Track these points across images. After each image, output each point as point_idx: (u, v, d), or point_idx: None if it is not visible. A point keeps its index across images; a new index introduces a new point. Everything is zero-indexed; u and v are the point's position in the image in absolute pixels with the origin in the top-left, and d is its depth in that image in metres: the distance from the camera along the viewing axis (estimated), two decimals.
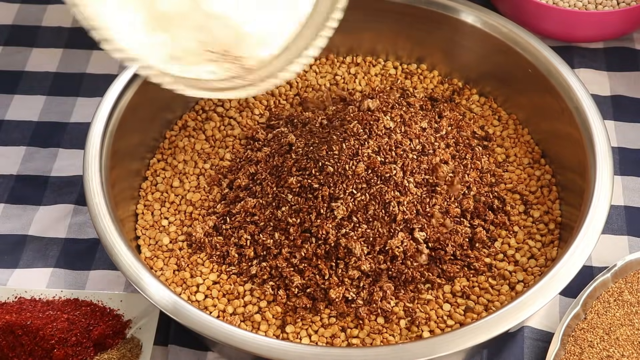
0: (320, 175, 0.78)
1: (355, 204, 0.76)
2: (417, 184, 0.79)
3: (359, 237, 0.76)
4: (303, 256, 0.77)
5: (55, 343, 0.73)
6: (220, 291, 0.78)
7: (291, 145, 0.83)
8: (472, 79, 0.95)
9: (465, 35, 0.91)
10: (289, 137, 0.83)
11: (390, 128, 0.81)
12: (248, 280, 0.78)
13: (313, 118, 0.87)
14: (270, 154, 0.84)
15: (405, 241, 0.76)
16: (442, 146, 0.84)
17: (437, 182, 0.80)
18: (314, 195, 0.77)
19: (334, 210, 0.76)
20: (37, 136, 0.98)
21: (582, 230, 0.72)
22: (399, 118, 0.84)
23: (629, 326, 0.76)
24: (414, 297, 0.77)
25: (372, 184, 0.77)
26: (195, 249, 0.81)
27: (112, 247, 0.72)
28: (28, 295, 0.81)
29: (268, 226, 0.79)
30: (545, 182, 0.86)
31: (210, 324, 0.68)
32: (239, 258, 0.79)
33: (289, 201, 0.78)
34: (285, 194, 0.79)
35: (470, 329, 0.67)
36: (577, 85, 0.83)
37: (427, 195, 0.79)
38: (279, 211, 0.78)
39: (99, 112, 0.81)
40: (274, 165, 0.82)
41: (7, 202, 0.92)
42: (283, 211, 0.78)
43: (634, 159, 0.93)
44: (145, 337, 0.77)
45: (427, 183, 0.80)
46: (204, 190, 0.86)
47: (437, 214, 0.79)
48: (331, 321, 0.75)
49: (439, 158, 0.82)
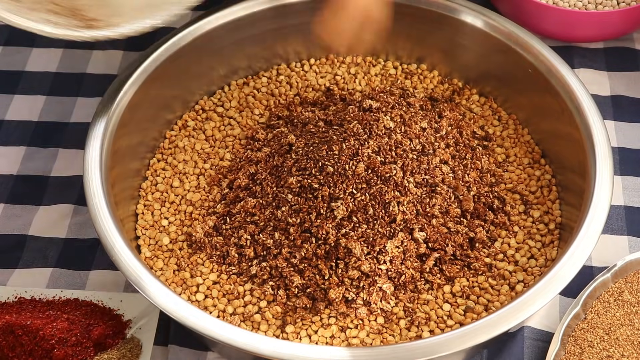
0: (320, 175, 0.78)
1: (355, 204, 0.76)
2: (417, 184, 0.79)
3: (359, 237, 0.76)
4: (303, 256, 0.77)
5: (55, 343, 0.73)
6: (220, 291, 0.78)
7: (291, 145, 0.83)
8: (472, 79, 0.95)
9: (465, 35, 0.91)
10: (289, 137, 0.83)
11: (390, 128, 0.81)
12: (248, 280, 0.78)
13: (313, 118, 0.87)
14: (270, 154, 0.84)
15: (405, 241, 0.76)
16: (442, 146, 0.84)
17: (437, 182, 0.80)
18: (314, 195, 0.77)
19: (333, 210, 0.76)
20: (37, 136, 0.98)
21: (582, 231, 0.72)
22: (399, 118, 0.84)
23: (629, 326, 0.76)
24: (414, 298, 0.77)
25: (372, 184, 0.77)
26: (195, 249, 0.81)
27: (112, 247, 0.72)
28: (28, 295, 0.81)
29: (268, 226, 0.79)
30: (545, 182, 0.86)
31: (210, 324, 0.68)
32: (239, 258, 0.79)
33: (289, 201, 0.78)
34: (285, 194, 0.78)
35: (470, 329, 0.67)
36: (577, 85, 0.83)
37: (427, 196, 0.79)
38: (279, 211, 0.78)
39: (99, 112, 0.81)
40: (274, 165, 0.82)
41: (7, 202, 0.92)
42: (283, 211, 0.78)
43: (634, 159, 0.93)
44: (145, 337, 0.77)
45: (427, 183, 0.80)
46: (204, 190, 0.86)
47: (437, 214, 0.79)
48: (331, 321, 0.75)
49: (439, 158, 0.82)
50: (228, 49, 0.92)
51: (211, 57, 0.92)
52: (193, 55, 0.89)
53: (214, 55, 0.92)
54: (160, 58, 0.86)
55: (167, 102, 0.91)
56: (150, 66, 0.86)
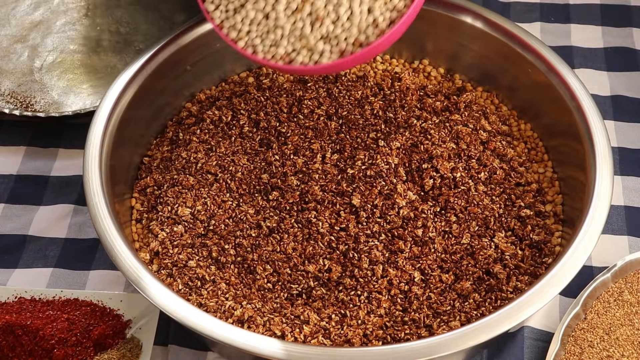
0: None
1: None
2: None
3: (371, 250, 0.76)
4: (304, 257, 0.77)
5: (55, 343, 0.73)
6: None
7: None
8: (472, 78, 0.94)
9: (465, 35, 0.91)
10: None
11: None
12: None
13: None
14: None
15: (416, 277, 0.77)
16: (449, 147, 0.84)
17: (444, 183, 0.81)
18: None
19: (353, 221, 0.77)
20: (37, 136, 0.98)
21: (582, 231, 0.72)
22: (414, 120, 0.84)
23: (629, 326, 0.76)
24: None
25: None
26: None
27: (112, 247, 0.72)
28: (28, 295, 0.81)
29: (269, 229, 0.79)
30: (547, 178, 0.85)
31: (210, 324, 0.67)
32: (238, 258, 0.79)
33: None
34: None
35: (470, 329, 0.67)
36: (577, 85, 0.82)
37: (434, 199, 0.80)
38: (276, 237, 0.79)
39: (99, 112, 0.81)
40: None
41: (7, 202, 0.92)
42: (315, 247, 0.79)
43: (634, 159, 0.93)
44: (145, 337, 0.77)
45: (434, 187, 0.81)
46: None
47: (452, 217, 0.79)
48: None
49: (444, 158, 0.83)
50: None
51: (213, 55, 0.91)
52: (196, 53, 0.89)
53: (216, 53, 0.92)
54: (162, 57, 0.86)
55: (168, 102, 0.91)
56: (151, 65, 0.86)
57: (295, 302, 0.76)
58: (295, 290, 0.76)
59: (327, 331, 0.73)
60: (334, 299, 0.75)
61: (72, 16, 1.06)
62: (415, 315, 0.74)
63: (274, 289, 0.77)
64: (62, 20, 1.05)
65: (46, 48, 1.02)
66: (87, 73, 1.00)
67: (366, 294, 0.75)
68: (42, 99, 0.97)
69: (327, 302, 0.75)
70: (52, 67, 1.01)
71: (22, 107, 0.96)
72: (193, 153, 0.85)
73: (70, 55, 1.02)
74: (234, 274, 0.77)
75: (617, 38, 1.06)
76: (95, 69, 1.01)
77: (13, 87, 0.98)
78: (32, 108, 0.96)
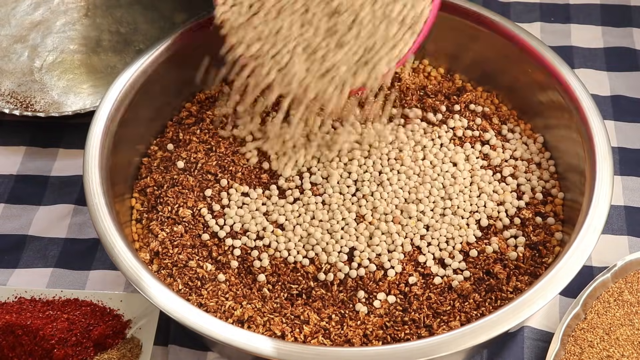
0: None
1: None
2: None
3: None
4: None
5: (55, 343, 0.73)
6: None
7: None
8: (472, 78, 0.94)
9: (465, 35, 0.91)
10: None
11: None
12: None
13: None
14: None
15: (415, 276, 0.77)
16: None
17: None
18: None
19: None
20: (37, 136, 0.98)
21: (582, 230, 0.72)
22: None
23: (629, 326, 0.76)
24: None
25: None
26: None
27: (112, 247, 0.72)
28: (28, 295, 0.81)
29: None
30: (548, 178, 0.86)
31: (210, 324, 0.67)
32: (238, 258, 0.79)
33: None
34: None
35: (470, 329, 0.67)
36: (577, 85, 0.82)
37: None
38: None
39: (99, 112, 0.81)
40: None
41: (7, 202, 0.92)
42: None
43: (634, 159, 0.93)
44: (145, 337, 0.77)
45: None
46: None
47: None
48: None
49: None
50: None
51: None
52: (195, 54, 0.89)
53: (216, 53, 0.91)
54: (161, 57, 0.86)
55: (168, 102, 0.91)
56: (151, 65, 0.86)
57: (295, 302, 0.76)
58: (295, 290, 0.76)
59: (327, 331, 0.73)
60: (334, 299, 0.75)
61: (72, 16, 1.06)
62: (415, 315, 0.74)
63: (274, 289, 0.76)
64: (62, 20, 1.05)
65: (46, 48, 1.02)
66: (87, 73, 1.00)
67: (366, 294, 0.75)
68: (42, 99, 0.97)
69: (327, 302, 0.75)
70: (52, 67, 1.01)
71: (22, 107, 0.96)
72: (193, 153, 0.85)
73: (70, 55, 1.02)
74: (234, 274, 0.78)
75: (617, 38, 1.06)
76: (95, 69, 1.01)
77: (13, 87, 0.98)
78: (32, 108, 0.96)
